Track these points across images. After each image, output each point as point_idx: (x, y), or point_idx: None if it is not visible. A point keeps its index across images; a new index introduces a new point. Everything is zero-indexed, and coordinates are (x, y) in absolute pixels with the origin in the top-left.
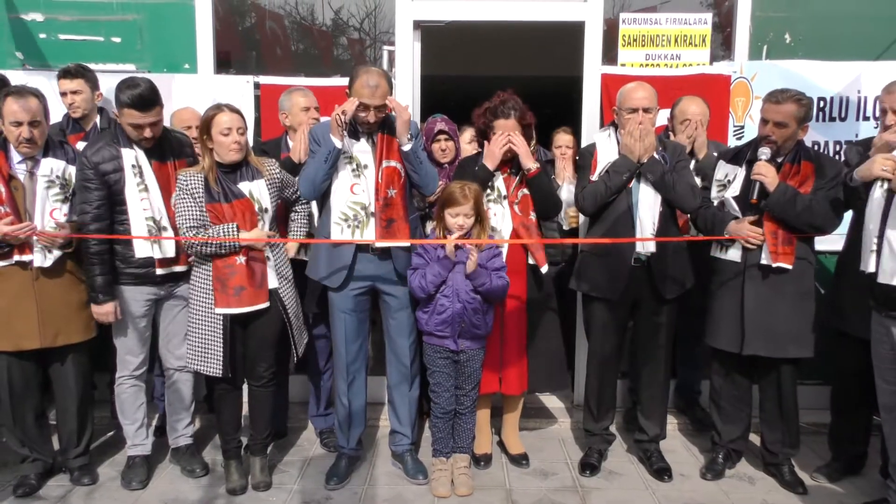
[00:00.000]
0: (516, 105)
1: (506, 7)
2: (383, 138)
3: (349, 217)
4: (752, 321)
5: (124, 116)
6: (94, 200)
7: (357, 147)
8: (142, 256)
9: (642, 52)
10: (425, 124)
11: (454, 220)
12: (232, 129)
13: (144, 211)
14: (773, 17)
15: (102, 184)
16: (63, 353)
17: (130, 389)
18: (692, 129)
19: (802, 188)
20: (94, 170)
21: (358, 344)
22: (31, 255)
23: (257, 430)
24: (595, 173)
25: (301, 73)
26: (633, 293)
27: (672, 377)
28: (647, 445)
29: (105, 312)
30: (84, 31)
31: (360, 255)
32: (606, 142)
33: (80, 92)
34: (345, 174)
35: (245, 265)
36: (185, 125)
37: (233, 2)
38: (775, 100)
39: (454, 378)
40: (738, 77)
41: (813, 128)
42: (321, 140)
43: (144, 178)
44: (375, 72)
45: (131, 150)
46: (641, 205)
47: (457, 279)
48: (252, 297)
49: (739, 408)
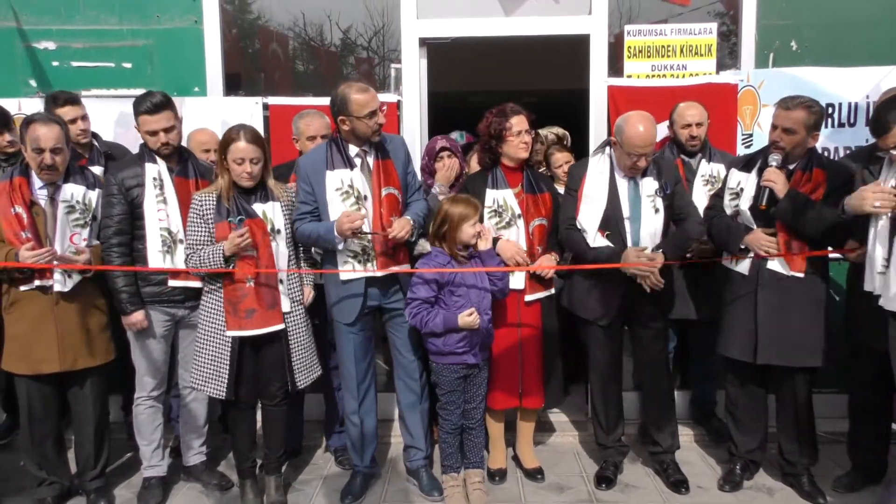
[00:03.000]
0: (519, 106)
1: (510, 23)
2: (379, 164)
3: (358, 253)
4: (766, 330)
5: (141, 126)
6: (116, 215)
7: (354, 178)
8: (154, 265)
9: (648, 63)
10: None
11: (473, 229)
12: (245, 159)
13: (160, 222)
14: (779, 25)
15: (125, 199)
16: (82, 376)
17: (148, 410)
18: (702, 133)
19: (814, 195)
20: (119, 185)
21: (367, 362)
22: (51, 279)
23: (271, 448)
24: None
25: (310, 93)
26: (628, 311)
27: (686, 388)
28: (663, 457)
29: (134, 321)
30: (95, 57)
31: (370, 291)
32: (597, 165)
33: (86, 118)
34: (345, 209)
35: (254, 287)
36: (204, 148)
37: (241, 24)
38: (786, 106)
39: (463, 393)
40: (745, 85)
41: (822, 134)
42: (324, 233)
43: (164, 191)
44: (356, 83)
45: (154, 164)
46: (643, 230)
47: (472, 293)
48: (264, 319)
49: (755, 418)
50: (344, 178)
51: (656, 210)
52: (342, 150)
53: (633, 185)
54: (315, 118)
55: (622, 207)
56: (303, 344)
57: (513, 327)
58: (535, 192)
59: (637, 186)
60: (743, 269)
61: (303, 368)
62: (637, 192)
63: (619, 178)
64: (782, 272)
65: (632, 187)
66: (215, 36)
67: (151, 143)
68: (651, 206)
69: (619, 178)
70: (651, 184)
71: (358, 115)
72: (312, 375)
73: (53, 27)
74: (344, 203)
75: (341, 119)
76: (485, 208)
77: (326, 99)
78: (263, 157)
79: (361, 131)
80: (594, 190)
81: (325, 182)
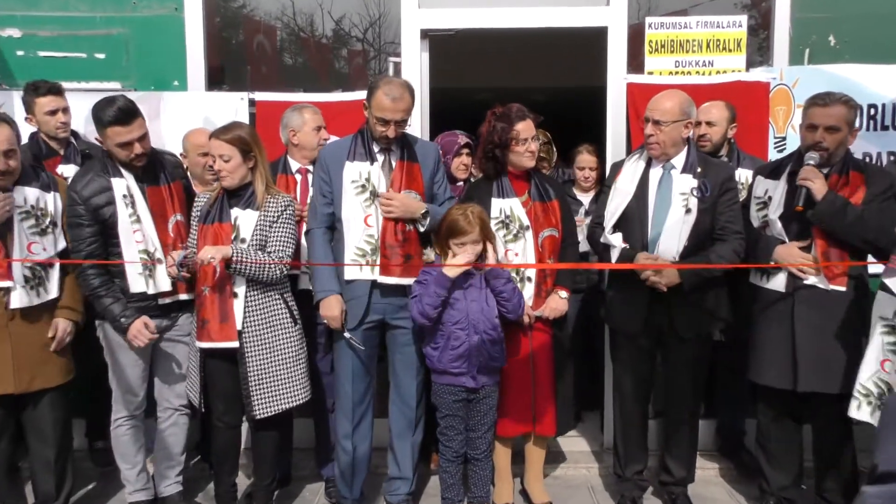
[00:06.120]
0: (524, 108)
1: (521, 13)
2: (402, 165)
3: (367, 252)
4: (806, 353)
5: (109, 138)
6: (87, 237)
7: (373, 172)
8: (136, 292)
9: (671, 58)
10: (440, 137)
11: (461, 249)
12: (213, 154)
13: (138, 244)
14: (816, 18)
15: (94, 219)
16: (39, 397)
17: (130, 431)
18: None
19: (852, 200)
20: (85, 205)
21: (366, 382)
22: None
23: (259, 475)
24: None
25: (300, 87)
26: (657, 326)
27: (712, 416)
28: (673, 489)
29: (136, 331)
30: (65, 47)
31: (374, 291)
32: (632, 166)
33: (67, 110)
34: (357, 205)
35: (207, 296)
36: (200, 152)
37: (225, 13)
38: (823, 102)
39: (466, 420)
40: (778, 84)
41: (863, 137)
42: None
43: (136, 209)
44: (398, 83)
45: (122, 178)
46: (666, 226)
47: (471, 308)
48: (217, 332)
49: (790, 451)
50: (362, 171)
51: (687, 210)
52: (366, 143)
53: (667, 178)
54: (317, 110)
55: (648, 203)
56: (263, 368)
57: (524, 347)
58: (543, 200)
59: (670, 180)
60: (777, 286)
61: (263, 396)
62: (669, 186)
63: (652, 171)
64: (821, 286)
65: (665, 181)
66: (197, 25)
67: (123, 155)
68: (682, 204)
69: (653, 170)
70: (687, 180)
71: (373, 113)
72: (280, 406)
73: (18, 13)
74: (358, 197)
75: (364, 105)
76: (491, 219)
77: (317, 94)
78: (242, 156)
79: (371, 127)
80: (625, 183)
81: (342, 172)
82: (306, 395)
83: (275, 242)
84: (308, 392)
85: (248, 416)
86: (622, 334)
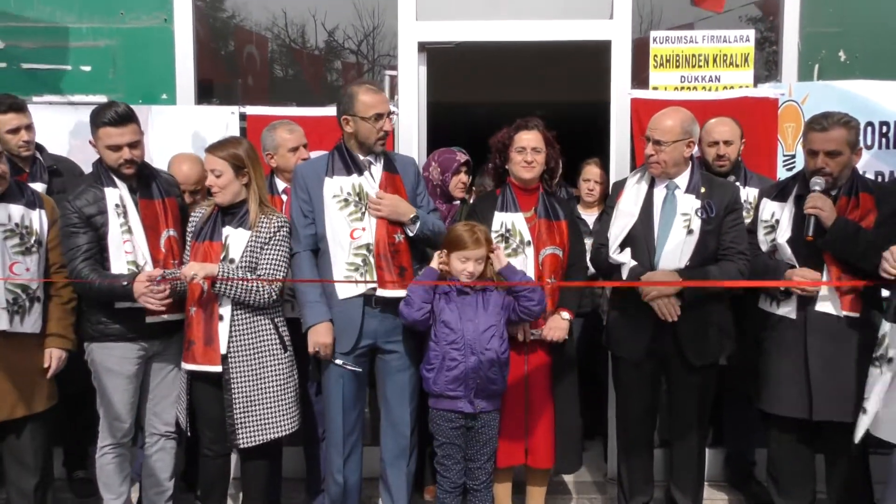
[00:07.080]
0: (540, 122)
1: (522, 26)
2: (387, 177)
3: (359, 265)
4: (820, 382)
5: (101, 139)
6: (84, 244)
7: (364, 183)
8: (122, 307)
9: (677, 73)
10: (434, 154)
11: (463, 265)
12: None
13: (127, 255)
14: (825, 33)
15: (90, 227)
16: (21, 425)
17: (116, 460)
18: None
19: (863, 223)
20: (79, 213)
21: (357, 412)
22: None
23: None
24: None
25: (292, 101)
26: (661, 351)
27: (720, 445)
28: None
29: (142, 287)
30: (50, 59)
31: (367, 310)
32: (634, 187)
33: (31, 128)
34: (341, 220)
35: (193, 316)
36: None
37: (215, 25)
38: (820, 127)
39: (465, 449)
40: (787, 100)
41: (875, 155)
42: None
43: (128, 219)
44: (367, 83)
45: (115, 188)
46: (666, 248)
47: (468, 328)
48: (201, 355)
49: (802, 483)
50: (344, 185)
51: (689, 231)
52: (347, 156)
53: (671, 198)
54: (295, 127)
55: (654, 224)
56: (249, 396)
57: (517, 369)
58: (550, 219)
59: (674, 200)
60: (788, 312)
61: (247, 425)
62: (673, 206)
63: (656, 190)
64: (833, 313)
65: (669, 201)
66: (187, 37)
67: (112, 159)
68: (683, 224)
69: (657, 190)
70: (690, 201)
71: (363, 116)
72: (265, 436)
73: (0, 23)
74: (342, 212)
75: (345, 119)
76: (491, 232)
77: (310, 109)
78: (234, 172)
79: (364, 134)
80: (628, 203)
81: (322, 189)
82: (294, 426)
83: (266, 265)
84: (296, 422)
85: (232, 445)
86: (625, 359)
